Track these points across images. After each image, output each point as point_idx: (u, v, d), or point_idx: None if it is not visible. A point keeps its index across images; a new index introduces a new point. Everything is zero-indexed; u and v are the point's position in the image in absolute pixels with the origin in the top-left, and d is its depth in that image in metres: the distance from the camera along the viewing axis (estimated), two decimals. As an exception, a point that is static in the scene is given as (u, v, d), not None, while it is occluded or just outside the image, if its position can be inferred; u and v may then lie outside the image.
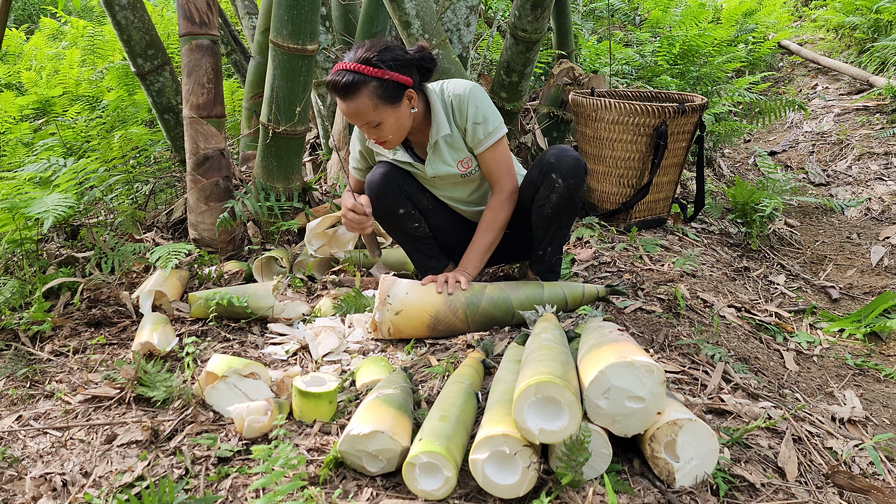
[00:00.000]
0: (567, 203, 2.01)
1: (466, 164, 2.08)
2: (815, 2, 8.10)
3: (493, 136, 2.00)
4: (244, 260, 2.63)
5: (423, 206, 2.19)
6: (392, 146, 1.99)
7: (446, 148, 2.05)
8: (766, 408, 1.71)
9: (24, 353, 1.99)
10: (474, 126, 1.98)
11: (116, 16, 2.82)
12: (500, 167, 2.05)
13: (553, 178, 1.98)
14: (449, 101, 2.00)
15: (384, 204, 2.12)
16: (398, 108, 1.89)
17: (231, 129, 3.92)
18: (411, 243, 2.23)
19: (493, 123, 1.99)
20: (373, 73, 1.82)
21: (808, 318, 2.69)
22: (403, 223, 2.16)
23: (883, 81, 5.45)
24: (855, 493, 1.45)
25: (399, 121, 1.91)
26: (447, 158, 2.06)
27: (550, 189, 1.99)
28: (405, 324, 1.95)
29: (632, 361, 1.29)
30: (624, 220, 3.18)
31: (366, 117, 1.87)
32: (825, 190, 4.51)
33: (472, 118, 1.97)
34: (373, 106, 1.85)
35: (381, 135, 1.93)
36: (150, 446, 1.49)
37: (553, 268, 2.16)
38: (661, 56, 4.94)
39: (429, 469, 1.26)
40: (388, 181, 2.10)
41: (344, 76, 1.83)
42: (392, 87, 1.86)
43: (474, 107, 1.97)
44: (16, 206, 2.10)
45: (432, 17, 2.67)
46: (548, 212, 2.03)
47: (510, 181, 2.07)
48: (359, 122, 1.90)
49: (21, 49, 5.53)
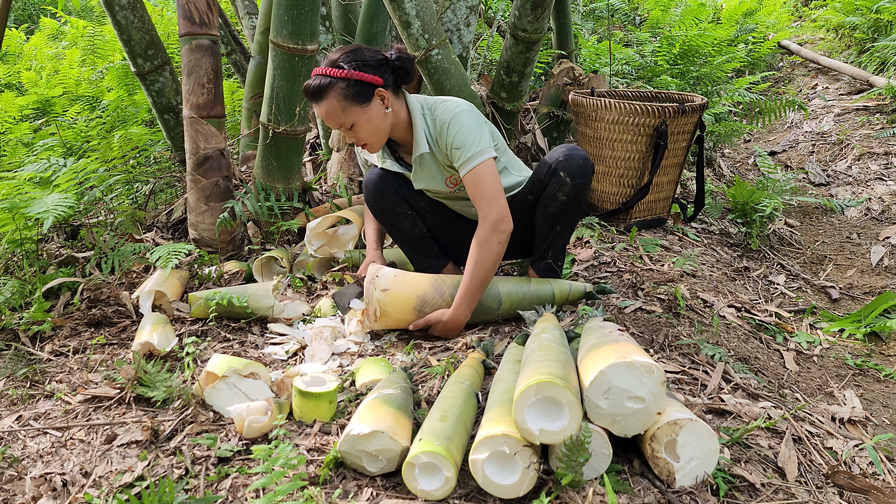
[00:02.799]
0: (573, 202, 2.03)
1: (455, 181, 2.08)
2: (815, 2, 8.10)
3: (471, 161, 1.91)
4: (244, 260, 2.63)
5: (420, 207, 2.20)
6: (374, 150, 2.01)
7: (433, 164, 2.05)
8: (766, 408, 1.71)
9: (24, 353, 1.99)
10: (453, 151, 1.95)
11: (116, 16, 2.82)
12: (481, 193, 1.91)
13: (561, 176, 2.00)
14: (429, 121, 2.00)
15: (381, 204, 2.15)
16: (367, 108, 1.90)
17: (231, 129, 3.92)
18: (409, 243, 2.24)
19: (472, 149, 1.91)
20: (338, 75, 1.85)
21: (808, 318, 2.69)
22: (401, 223, 2.18)
23: (883, 81, 5.45)
24: (855, 493, 1.45)
25: (371, 122, 1.92)
26: (434, 174, 2.07)
27: (558, 187, 2.01)
28: (391, 304, 1.95)
29: (632, 362, 1.29)
30: (624, 220, 3.18)
31: (337, 119, 1.90)
32: (825, 190, 4.51)
33: (451, 144, 1.95)
34: (341, 107, 1.87)
35: (359, 137, 1.94)
36: (150, 446, 1.49)
37: (554, 267, 2.16)
38: (661, 56, 4.94)
39: (428, 469, 1.26)
40: (384, 181, 2.13)
41: (314, 80, 1.88)
42: (360, 87, 1.87)
43: (454, 134, 1.93)
44: (16, 206, 2.10)
45: (432, 17, 2.67)
46: (553, 210, 2.04)
47: (494, 209, 1.90)
48: (333, 125, 1.93)
49: (21, 49, 5.53)
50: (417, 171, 2.08)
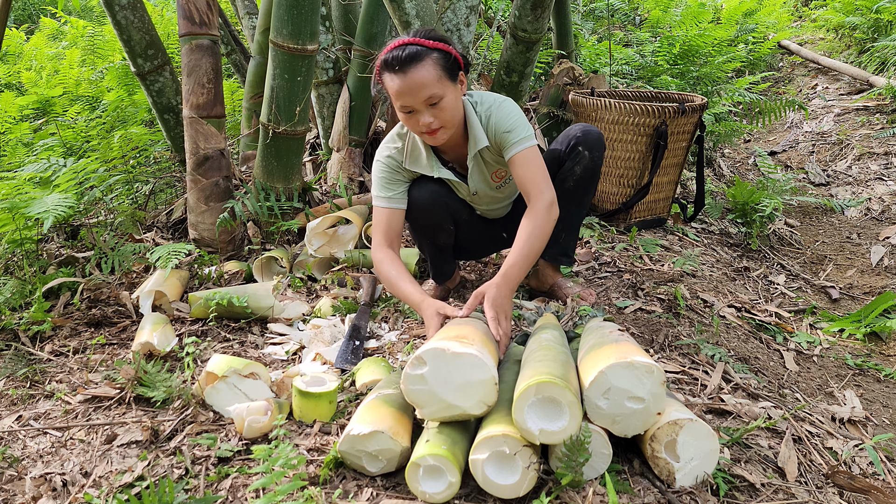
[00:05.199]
0: (590, 177, 2.09)
1: (500, 175, 2.08)
2: (815, 2, 8.10)
3: (523, 142, 1.89)
4: (244, 260, 2.63)
5: (461, 220, 2.17)
6: (443, 137, 1.85)
7: (482, 161, 2.03)
8: (766, 408, 1.71)
9: (24, 353, 1.99)
10: (503, 135, 1.91)
11: (116, 16, 2.82)
12: (534, 172, 1.88)
13: (580, 150, 2.08)
14: (480, 114, 1.94)
15: (428, 221, 2.09)
16: (456, 87, 1.82)
17: (231, 129, 3.92)
18: (437, 253, 2.24)
19: (523, 132, 1.90)
20: (434, 45, 1.75)
21: (808, 318, 2.69)
22: (437, 237, 2.16)
23: (883, 81, 5.45)
24: (855, 493, 1.45)
25: (455, 102, 1.81)
26: (484, 171, 2.05)
27: (576, 161, 2.08)
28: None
29: (632, 362, 1.29)
30: (624, 220, 3.18)
31: (430, 89, 1.74)
32: (825, 190, 4.51)
33: (501, 128, 1.91)
34: (437, 77, 1.74)
35: (440, 117, 1.78)
36: (150, 446, 1.49)
37: (567, 251, 2.18)
38: (661, 56, 4.94)
39: (433, 472, 1.26)
40: (436, 198, 2.04)
41: (405, 48, 1.73)
42: (452, 63, 1.78)
43: (504, 118, 1.91)
44: (16, 206, 2.10)
45: (432, 17, 2.67)
46: (570, 185, 2.10)
47: (549, 189, 1.86)
48: (419, 98, 1.75)
49: (21, 49, 5.53)
50: (474, 171, 2.02)
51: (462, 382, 1.32)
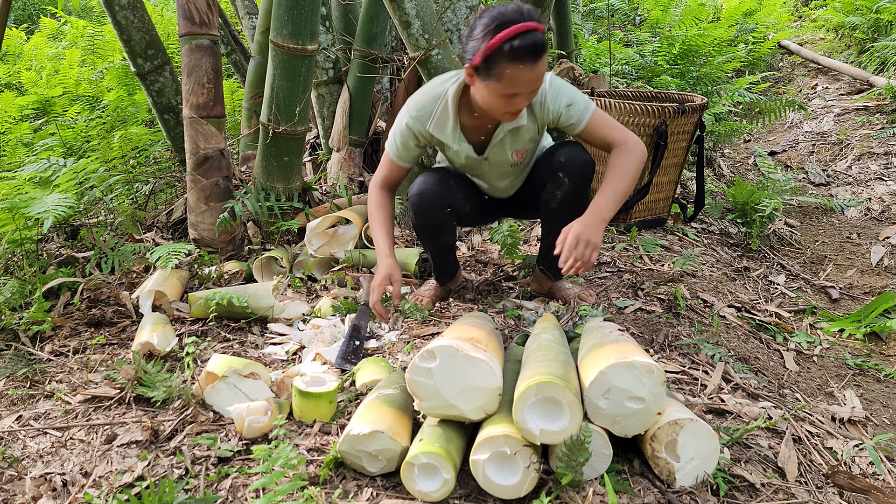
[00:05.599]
0: (573, 200, 2.05)
1: (521, 155, 2.08)
2: (815, 2, 8.10)
3: (588, 109, 1.94)
4: (244, 260, 2.63)
5: (463, 213, 2.18)
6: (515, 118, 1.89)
7: (509, 138, 2.03)
8: (766, 408, 1.71)
9: (24, 353, 1.99)
10: (565, 109, 1.93)
11: (116, 16, 2.82)
12: (611, 127, 1.95)
13: (560, 177, 2.02)
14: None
15: (431, 222, 2.11)
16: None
17: (231, 129, 3.92)
18: (440, 253, 2.24)
19: (583, 100, 1.95)
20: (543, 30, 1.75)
21: (808, 318, 2.69)
22: (441, 235, 2.16)
23: (883, 81, 5.45)
24: (855, 493, 1.45)
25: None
26: (507, 147, 2.05)
27: (556, 186, 2.04)
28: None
29: (632, 362, 1.29)
30: (624, 220, 3.18)
31: (543, 76, 1.78)
32: (825, 190, 4.51)
33: (562, 103, 1.93)
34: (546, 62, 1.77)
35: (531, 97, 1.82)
36: (150, 446, 1.49)
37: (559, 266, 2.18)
38: (661, 56, 4.94)
39: (428, 470, 1.26)
40: (440, 200, 2.06)
41: (532, 36, 1.69)
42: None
43: (561, 94, 1.93)
44: (16, 206, 2.10)
45: (432, 17, 2.67)
46: (553, 206, 2.07)
47: (630, 136, 1.93)
48: (536, 86, 1.78)
49: (21, 49, 5.53)
50: (497, 145, 2.02)
51: (466, 385, 1.32)
